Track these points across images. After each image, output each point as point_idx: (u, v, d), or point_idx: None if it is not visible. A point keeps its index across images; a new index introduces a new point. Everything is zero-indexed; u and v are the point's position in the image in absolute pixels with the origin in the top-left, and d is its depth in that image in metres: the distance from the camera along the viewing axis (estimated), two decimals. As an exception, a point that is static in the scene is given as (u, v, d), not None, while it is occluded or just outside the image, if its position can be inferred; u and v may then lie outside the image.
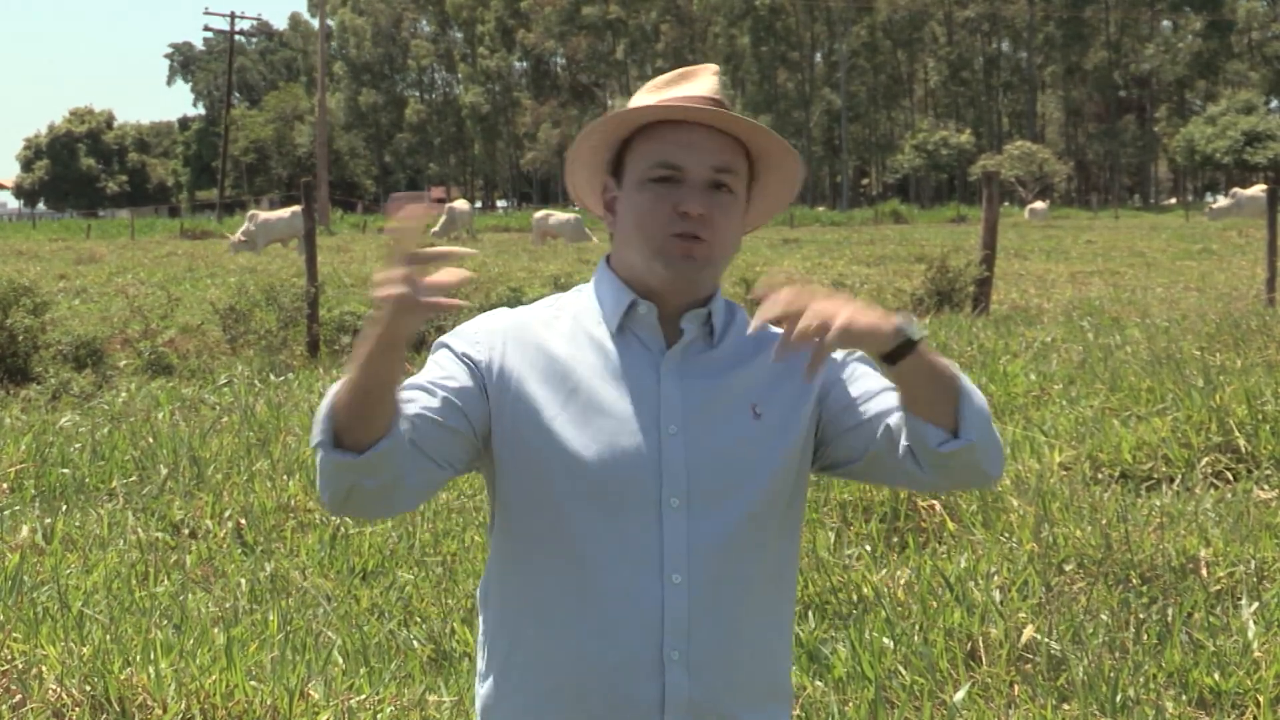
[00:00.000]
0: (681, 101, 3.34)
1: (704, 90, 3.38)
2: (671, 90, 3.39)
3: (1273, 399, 12.83)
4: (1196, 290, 29.98)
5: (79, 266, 44.40)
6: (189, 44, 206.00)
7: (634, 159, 3.35)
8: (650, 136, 3.34)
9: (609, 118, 3.33)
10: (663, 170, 3.31)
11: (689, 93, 3.37)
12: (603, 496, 3.29)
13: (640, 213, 3.32)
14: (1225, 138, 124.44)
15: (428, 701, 7.40)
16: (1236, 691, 7.42)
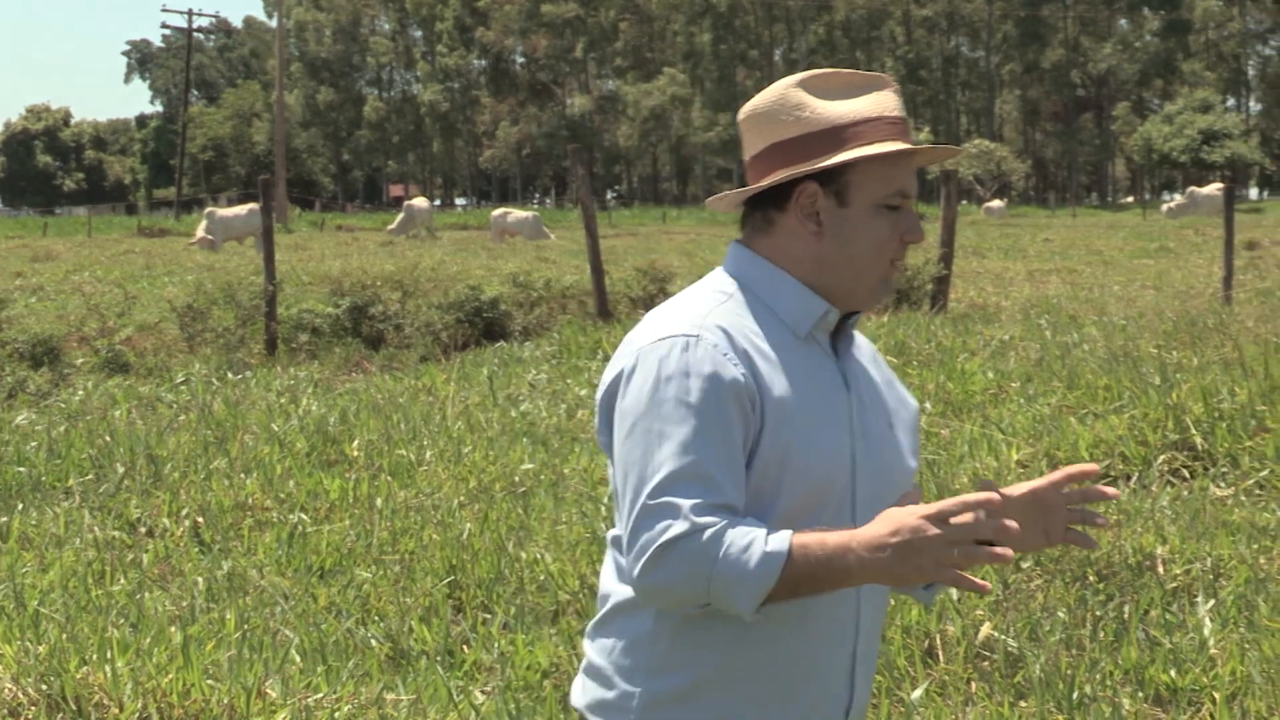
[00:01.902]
0: (890, 120, 3.35)
1: (899, 111, 3.39)
2: (873, 101, 3.35)
3: (1229, 397, 12.87)
4: (1153, 288, 30.06)
5: (35, 264, 44.24)
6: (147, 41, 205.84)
7: (863, 179, 3.31)
8: (877, 159, 3.31)
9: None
10: (899, 199, 3.34)
11: (888, 109, 3.36)
12: (823, 504, 3.27)
13: (878, 240, 3.33)
14: (1182, 136, 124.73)
15: (385, 700, 7.39)
16: (1193, 688, 7.45)
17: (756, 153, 3.37)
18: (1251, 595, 8.67)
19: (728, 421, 3.12)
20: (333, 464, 13.11)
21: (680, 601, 3.10)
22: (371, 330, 22.04)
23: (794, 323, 3.31)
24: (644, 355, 3.18)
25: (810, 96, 3.33)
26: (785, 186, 3.31)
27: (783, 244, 3.34)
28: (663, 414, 3.11)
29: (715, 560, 3.03)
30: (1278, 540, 9.78)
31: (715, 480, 3.08)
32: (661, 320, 3.25)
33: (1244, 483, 11.39)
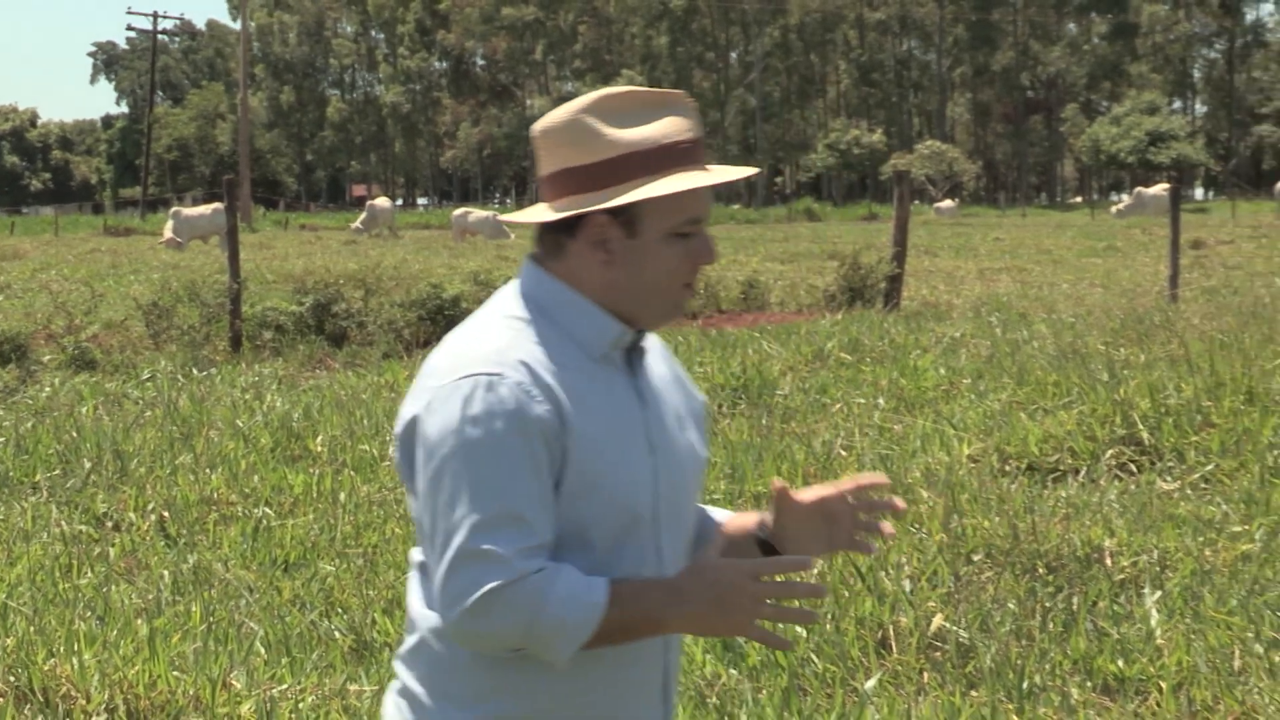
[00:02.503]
0: (685, 145, 3.29)
1: (694, 132, 3.32)
2: (665, 126, 3.28)
3: (1175, 393, 12.92)
4: (1101, 287, 30.16)
5: (3, 263, 44.15)
6: (112, 43, 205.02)
7: (653, 211, 3.24)
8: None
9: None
10: (691, 226, 3.28)
11: (681, 132, 3.30)
12: (633, 526, 3.25)
13: (669, 268, 3.27)
14: (1129, 138, 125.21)
15: (349, 691, 7.39)
16: (1140, 678, 7.48)
17: (548, 174, 3.30)
18: (1197, 587, 8.71)
19: (536, 459, 3.09)
20: (297, 459, 13.10)
21: (495, 647, 3.09)
22: (335, 328, 22.02)
23: (589, 345, 3.26)
24: (445, 395, 3.12)
25: (600, 123, 3.26)
26: None
27: (574, 268, 3.27)
28: (470, 456, 3.06)
29: (536, 611, 3.02)
30: (1223, 533, 9.82)
31: (528, 521, 3.05)
32: (461, 355, 3.17)
33: (1190, 477, 11.44)
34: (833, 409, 14.42)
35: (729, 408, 14.99)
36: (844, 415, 14.06)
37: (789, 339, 18.87)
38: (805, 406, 14.68)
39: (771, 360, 17.03)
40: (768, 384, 15.64)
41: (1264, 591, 8.65)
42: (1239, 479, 11.32)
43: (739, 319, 24.35)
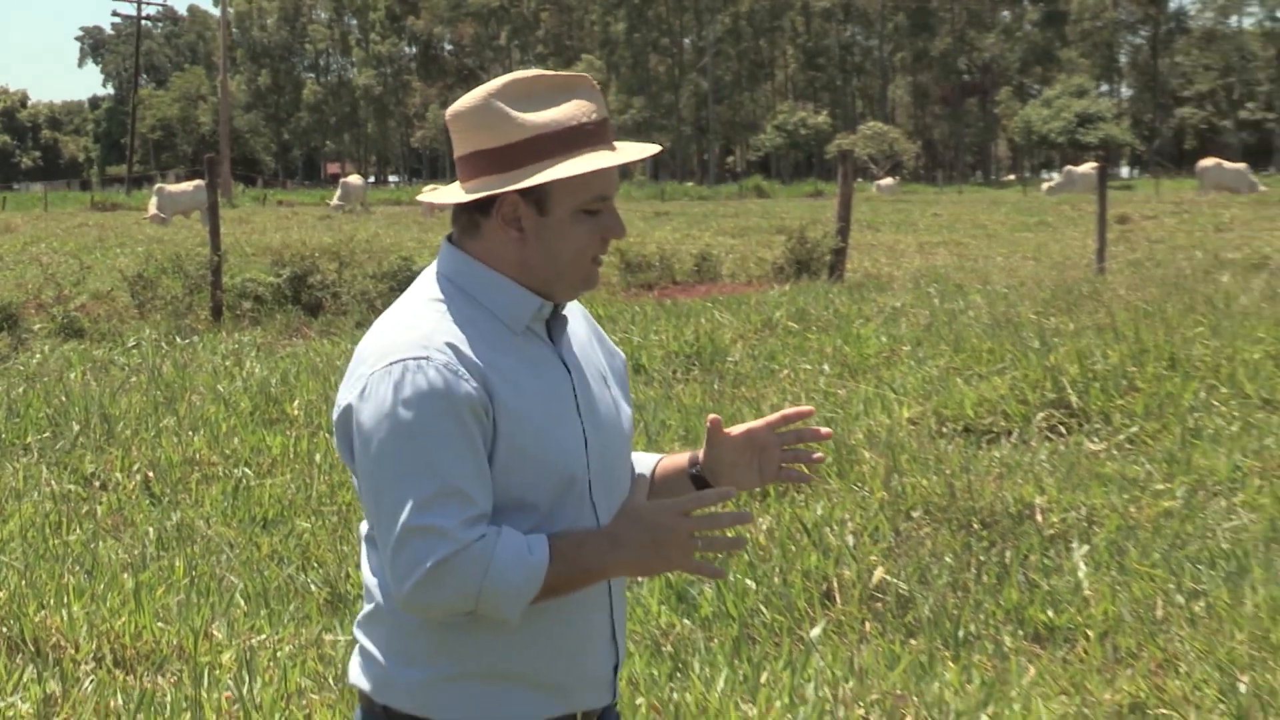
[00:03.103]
0: (590, 127, 3.28)
1: (599, 113, 3.31)
2: (571, 109, 3.27)
3: (1102, 359, 12.96)
4: (1033, 259, 30.20)
5: (-5, 236, 43.88)
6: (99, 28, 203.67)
7: (562, 190, 3.23)
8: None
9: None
10: (598, 204, 3.27)
11: (586, 114, 3.28)
12: (568, 488, 3.24)
13: (579, 243, 3.26)
14: (1060, 119, 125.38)
15: (324, 640, 7.38)
16: (1068, 627, 7.51)
17: (462, 155, 3.29)
18: (1122, 541, 8.74)
19: (468, 434, 3.08)
20: (274, 422, 13.07)
21: (447, 613, 3.08)
22: (310, 298, 21.95)
23: (511, 321, 3.25)
24: (377, 380, 3.11)
25: (509, 107, 3.25)
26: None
27: (490, 247, 3.27)
28: (405, 438, 3.05)
29: (483, 575, 3.01)
30: (1146, 491, 9.86)
31: (467, 494, 3.05)
32: (389, 341, 3.16)
33: (1115, 438, 11.48)
34: (780, 375, 14.44)
35: (683, 373, 14.99)
36: (791, 380, 14.08)
37: (739, 309, 18.87)
38: (755, 372, 14.68)
39: (723, 329, 17.04)
40: (719, 351, 15.65)
41: (1185, 546, 8.69)
42: (1161, 440, 11.36)
43: (692, 290, 24.32)
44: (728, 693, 6.44)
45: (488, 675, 3.22)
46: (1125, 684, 6.66)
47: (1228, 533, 8.93)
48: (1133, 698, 6.49)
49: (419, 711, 3.22)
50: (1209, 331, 14.44)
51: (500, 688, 3.23)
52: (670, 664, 7.09)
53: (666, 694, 6.45)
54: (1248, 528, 9.02)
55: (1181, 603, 7.64)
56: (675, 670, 7.00)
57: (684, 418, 12.20)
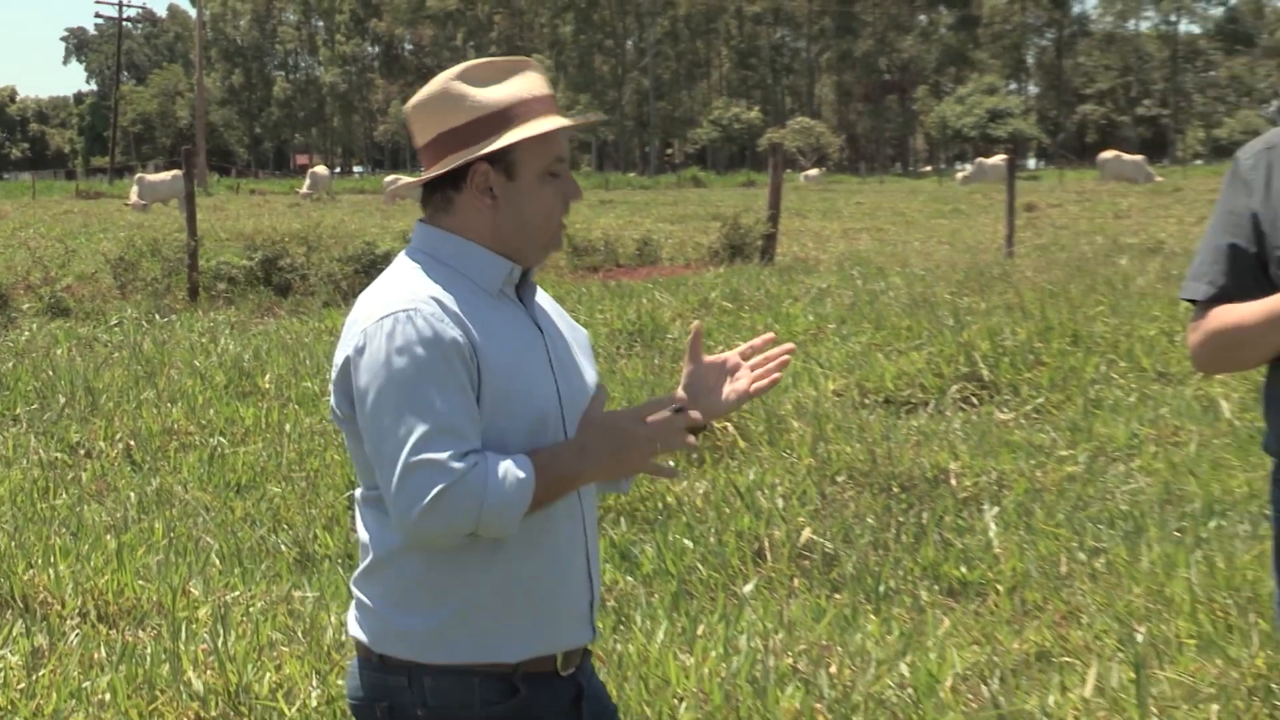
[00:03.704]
0: (542, 99, 3.32)
1: (547, 88, 3.36)
2: (523, 83, 3.32)
3: (1011, 336, 13.02)
4: (948, 244, 30.26)
5: (-14, 222, 43.55)
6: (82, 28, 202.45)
7: (527, 155, 3.27)
8: (536, 135, 3.28)
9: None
10: (559, 166, 3.32)
11: (537, 89, 3.33)
12: (543, 432, 3.26)
13: (546, 204, 3.31)
14: (972, 115, 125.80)
15: (293, 597, 7.36)
16: (980, 582, 7.53)
17: (429, 140, 3.32)
18: (1029, 503, 8.77)
19: (457, 375, 3.11)
20: (247, 395, 13.03)
21: (453, 536, 3.10)
22: (281, 280, 21.87)
23: (487, 284, 3.28)
24: (371, 334, 3.14)
25: (469, 87, 3.29)
26: (460, 169, 3.27)
27: (464, 218, 3.30)
28: (402, 383, 3.08)
29: (481, 498, 3.04)
30: (1051, 457, 9.91)
31: (459, 430, 3.08)
32: (378, 300, 3.20)
33: (1023, 408, 11.53)
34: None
35: (626, 349, 14.97)
36: (725, 355, 14.05)
37: (678, 290, 18.88)
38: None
39: (663, 308, 17.03)
40: (660, 329, 15.64)
41: (1086, 507, 8.73)
42: (1065, 410, 11.42)
43: (635, 272, 24.31)
44: (667, 644, 6.44)
45: (481, 617, 3.22)
46: (1032, 634, 6.68)
47: (1125, 495, 8.98)
48: (1039, 647, 6.52)
49: (417, 657, 3.22)
50: (1109, 310, 14.52)
51: (493, 629, 3.23)
52: (614, 618, 7.09)
53: (611, 645, 6.45)
54: (1144, 490, 9.07)
55: (1083, 559, 7.68)
56: (619, 623, 7.00)
57: (627, 390, 12.19)
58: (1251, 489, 8.70)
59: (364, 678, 3.31)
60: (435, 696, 3.22)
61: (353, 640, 3.37)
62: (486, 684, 3.23)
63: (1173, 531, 8.08)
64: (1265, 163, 3.84)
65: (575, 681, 3.38)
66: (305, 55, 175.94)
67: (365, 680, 3.31)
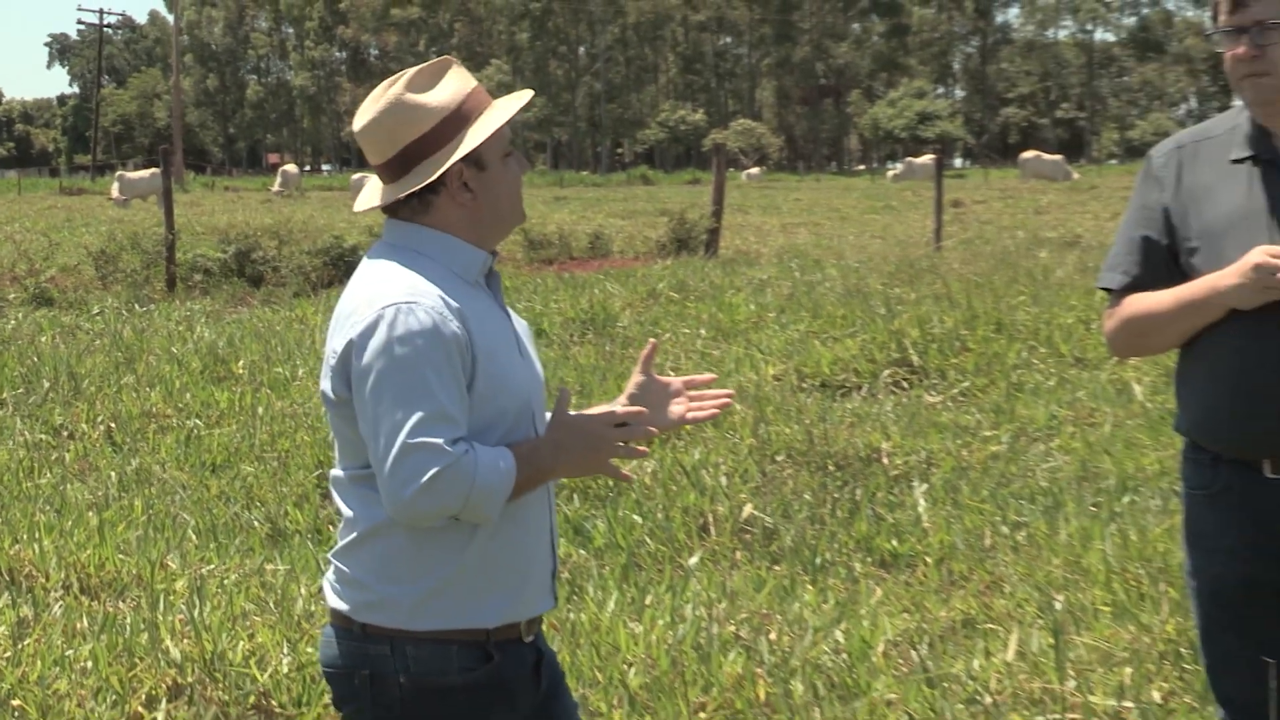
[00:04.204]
0: (479, 89, 3.36)
1: (474, 79, 3.39)
2: (458, 79, 3.34)
3: (939, 324, 13.06)
4: (880, 238, 30.32)
5: (-26, 217, 43.22)
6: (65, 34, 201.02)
7: (489, 143, 3.29)
8: (491, 120, 3.31)
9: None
10: (510, 146, 3.36)
11: (470, 81, 3.36)
12: (522, 414, 3.30)
13: (512, 184, 3.37)
14: (903, 117, 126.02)
15: (266, 570, 7.34)
16: (910, 554, 7.55)
17: (394, 155, 3.31)
18: (956, 480, 8.80)
19: (453, 367, 3.13)
20: (222, 379, 12.98)
21: (440, 516, 3.12)
22: (254, 271, 21.79)
23: (466, 274, 3.30)
24: (373, 324, 3.14)
25: (418, 96, 3.30)
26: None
27: (444, 215, 3.31)
28: (402, 370, 3.09)
29: (470, 483, 3.07)
30: (976, 437, 9.95)
31: (453, 417, 3.10)
32: (377, 293, 3.19)
33: (950, 392, 11.56)
34: (663, 338, 14.44)
35: (579, 337, 14.97)
36: (673, 343, 14.08)
37: (628, 281, 18.87)
38: (641, 336, 14.68)
39: (614, 298, 17.02)
40: (610, 318, 15.64)
41: (1009, 484, 8.77)
42: (989, 393, 11.46)
43: (587, 265, 24.29)
44: (617, 613, 6.44)
45: (461, 587, 3.24)
46: (958, 603, 6.71)
47: (1045, 473, 9.02)
48: (965, 614, 6.54)
49: (401, 625, 3.23)
50: (1030, 300, 14.57)
51: (471, 598, 3.25)
52: (567, 589, 7.09)
53: (565, 614, 6.45)
54: (1062, 468, 9.11)
55: (1006, 533, 7.71)
56: (572, 594, 6.99)
57: (580, 375, 12.18)
58: (1162, 466, 8.75)
59: (343, 647, 3.31)
60: (416, 664, 3.23)
61: (330, 610, 3.36)
62: (464, 651, 3.25)
63: (1089, 506, 8.12)
64: (1176, 161, 3.88)
65: (536, 647, 3.41)
66: (276, 60, 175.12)
67: (344, 650, 3.31)
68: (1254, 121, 3.78)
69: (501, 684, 3.29)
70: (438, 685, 3.24)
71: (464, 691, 3.25)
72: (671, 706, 5.39)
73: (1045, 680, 5.57)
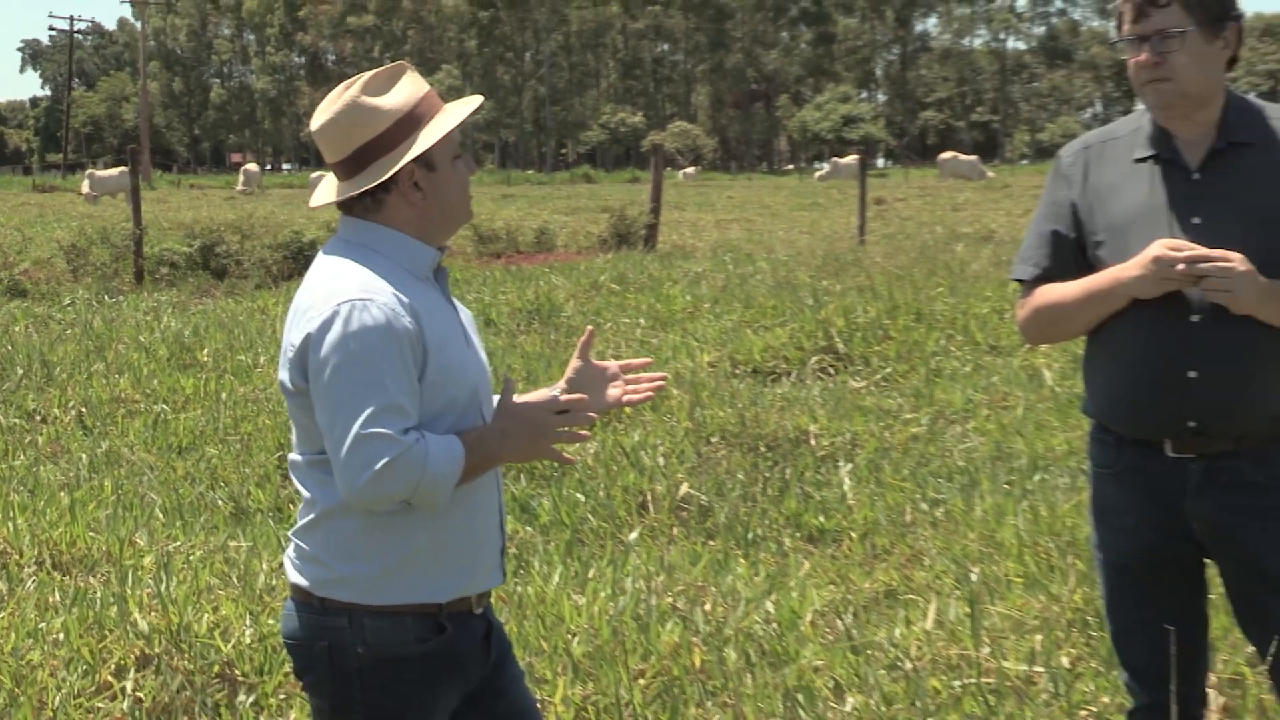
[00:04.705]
0: (431, 94, 3.34)
1: (427, 84, 3.37)
2: (412, 84, 3.32)
3: (863, 314, 13.09)
4: (808, 234, 30.37)
5: (-49, 213, 42.79)
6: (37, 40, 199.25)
7: (439, 145, 3.28)
8: (442, 125, 3.29)
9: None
10: (459, 149, 3.35)
11: (423, 86, 3.34)
12: (470, 402, 3.29)
13: (461, 185, 3.35)
14: (829, 120, 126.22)
15: (229, 546, 7.29)
16: (836, 530, 7.58)
17: (349, 154, 3.28)
18: (879, 460, 8.84)
19: (405, 360, 3.11)
20: (188, 367, 12.90)
21: (391, 502, 3.11)
22: (217, 264, 21.66)
23: (417, 269, 3.29)
24: (330, 319, 3.12)
25: (373, 99, 3.28)
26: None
27: (394, 213, 3.29)
28: (356, 364, 3.08)
29: (420, 471, 3.07)
30: (898, 420, 9.98)
31: (404, 409, 3.09)
32: (332, 289, 3.17)
33: (874, 377, 11.60)
34: (605, 327, 14.43)
35: (525, 326, 14.96)
36: (614, 332, 14.08)
37: (571, 273, 18.84)
38: (583, 325, 14.66)
39: (558, 290, 17.00)
40: (555, 308, 15.62)
41: (928, 464, 8.80)
42: (910, 379, 11.50)
43: (533, 258, 24.24)
44: (561, 586, 6.44)
45: (415, 565, 3.23)
46: (881, 575, 6.73)
47: (962, 453, 9.07)
48: (887, 586, 6.56)
49: (358, 600, 3.23)
50: (948, 291, 14.63)
51: (425, 575, 3.25)
52: (515, 563, 7.08)
53: (512, 588, 6.44)
54: (978, 449, 9.15)
55: (926, 509, 7.74)
56: (519, 568, 6.98)
57: (526, 362, 12.16)
58: (1071, 447, 8.80)
59: (303, 620, 3.30)
60: (374, 635, 3.23)
61: (290, 585, 3.35)
62: (418, 623, 3.25)
63: (1003, 484, 8.16)
64: (1083, 160, 3.91)
65: (485, 619, 3.41)
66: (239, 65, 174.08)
67: (304, 622, 3.30)
68: (1155, 123, 3.81)
69: (453, 654, 3.29)
70: (394, 655, 3.24)
71: (418, 661, 3.25)
72: (612, 673, 5.39)
73: (962, 647, 5.60)
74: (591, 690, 5.35)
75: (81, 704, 5.37)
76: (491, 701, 3.44)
